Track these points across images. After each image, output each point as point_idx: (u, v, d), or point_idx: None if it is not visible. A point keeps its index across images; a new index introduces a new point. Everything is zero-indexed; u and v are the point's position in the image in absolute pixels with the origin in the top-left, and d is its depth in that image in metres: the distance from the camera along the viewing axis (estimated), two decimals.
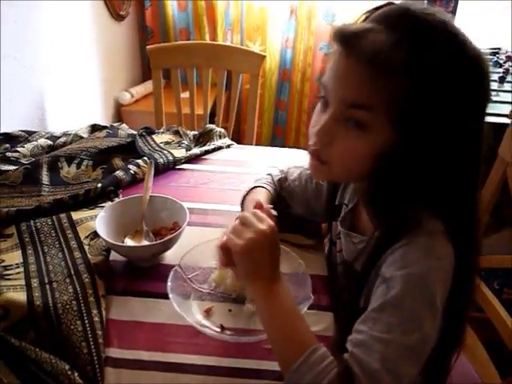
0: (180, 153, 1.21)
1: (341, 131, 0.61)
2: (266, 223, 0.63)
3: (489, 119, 1.77)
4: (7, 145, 1.18)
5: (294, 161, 0.97)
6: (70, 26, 1.77)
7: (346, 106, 0.60)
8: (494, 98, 1.77)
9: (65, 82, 1.76)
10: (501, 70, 2.04)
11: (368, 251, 0.65)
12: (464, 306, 0.66)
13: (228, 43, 2.42)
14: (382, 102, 0.57)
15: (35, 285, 0.74)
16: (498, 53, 2.27)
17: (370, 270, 0.64)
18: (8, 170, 1.05)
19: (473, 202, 0.64)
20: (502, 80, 1.95)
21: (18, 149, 1.16)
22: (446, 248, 0.60)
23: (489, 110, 1.75)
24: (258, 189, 0.91)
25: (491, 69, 2.08)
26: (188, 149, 1.25)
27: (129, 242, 0.84)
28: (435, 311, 0.56)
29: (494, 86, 1.91)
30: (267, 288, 0.62)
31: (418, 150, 0.58)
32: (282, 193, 0.93)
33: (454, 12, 2.29)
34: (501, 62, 2.14)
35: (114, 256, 0.84)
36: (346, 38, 0.58)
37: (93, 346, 0.65)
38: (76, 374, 0.61)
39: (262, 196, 0.88)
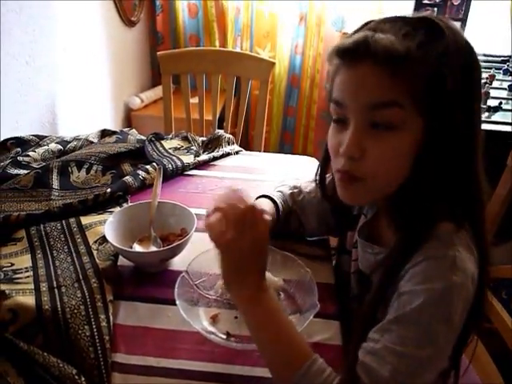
0: (188, 159, 1.22)
1: (369, 140, 0.59)
2: (261, 225, 0.60)
3: (498, 128, 1.77)
4: (18, 149, 1.20)
5: (302, 168, 0.97)
6: (81, 32, 1.79)
7: (369, 110, 0.58)
8: (504, 107, 1.76)
9: (76, 86, 1.78)
10: (511, 78, 2.03)
11: (387, 263, 0.63)
12: (475, 319, 0.64)
13: (238, 49, 2.44)
14: (406, 94, 0.56)
15: (44, 289, 0.75)
16: (508, 61, 2.26)
17: (389, 282, 0.61)
18: (19, 174, 1.07)
19: (483, 210, 0.64)
20: (511, 88, 1.94)
21: (29, 153, 1.17)
22: (470, 261, 0.58)
23: (498, 119, 1.75)
24: (264, 199, 0.89)
25: (501, 77, 2.08)
26: (196, 155, 1.26)
27: (137, 247, 0.85)
28: (451, 326, 0.56)
29: (504, 94, 1.91)
30: (256, 298, 0.60)
31: (447, 143, 0.58)
32: (294, 207, 0.90)
33: (465, 19, 2.28)
34: (511, 70, 2.13)
35: (122, 261, 0.84)
36: (352, 48, 0.58)
37: (100, 351, 0.66)
38: (83, 379, 0.62)
39: (266, 207, 0.85)
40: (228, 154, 1.30)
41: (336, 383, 0.54)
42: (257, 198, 0.90)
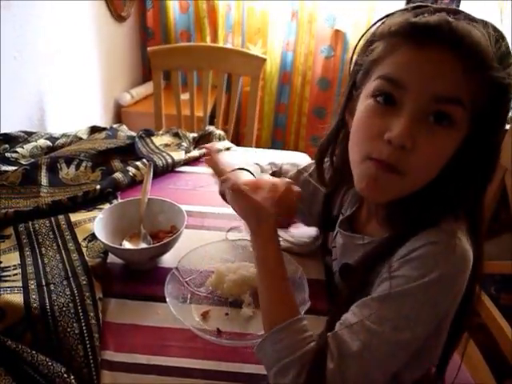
0: (179, 155, 1.21)
1: (422, 132, 0.54)
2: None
3: None
4: (6, 145, 1.18)
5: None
6: (71, 27, 1.77)
7: (434, 100, 0.54)
8: None
9: (65, 82, 1.76)
10: None
11: (378, 248, 0.62)
12: (464, 314, 0.64)
13: (229, 45, 2.43)
14: (470, 97, 0.54)
15: (32, 287, 0.74)
16: None
17: (375, 265, 0.61)
18: (7, 171, 1.05)
19: (481, 203, 0.63)
20: None
21: (17, 149, 1.16)
22: (469, 251, 0.57)
23: None
24: (243, 172, 0.81)
25: None
26: (187, 151, 1.25)
27: (127, 244, 0.84)
28: (433, 318, 0.56)
29: None
30: (271, 235, 0.67)
31: (481, 150, 0.57)
32: None
33: None
34: None
35: (111, 258, 0.84)
36: (434, 28, 0.53)
37: (89, 349, 0.65)
38: (72, 377, 0.61)
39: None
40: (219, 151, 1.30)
41: (311, 347, 0.56)
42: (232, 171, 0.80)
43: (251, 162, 0.87)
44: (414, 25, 0.55)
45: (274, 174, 0.90)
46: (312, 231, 0.89)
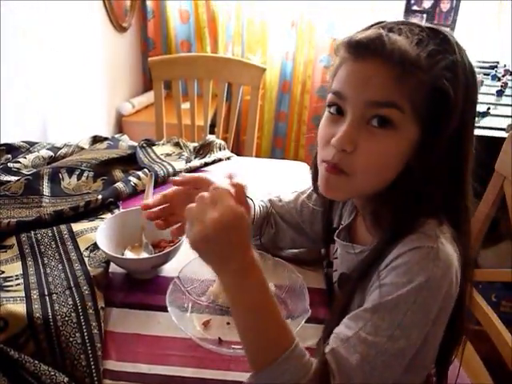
0: (180, 165, 1.22)
1: (363, 136, 0.59)
2: (222, 205, 0.54)
3: (486, 133, 1.79)
4: (9, 155, 1.19)
5: (294, 174, 0.97)
6: (72, 37, 1.79)
7: (369, 106, 0.59)
8: (492, 112, 1.78)
9: (67, 92, 1.78)
10: (499, 83, 2.06)
11: (369, 258, 0.64)
12: (459, 318, 0.65)
13: (229, 55, 2.45)
14: (407, 100, 0.57)
15: (35, 296, 0.74)
16: (496, 67, 2.29)
17: (366, 272, 0.62)
18: (9, 181, 1.06)
19: (465, 207, 0.64)
20: (499, 94, 1.97)
21: (20, 159, 1.16)
22: (453, 256, 0.58)
23: (486, 124, 1.77)
24: None
25: (490, 82, 2.11)
26: (188, 161, 1.26)
27: (128, 254, 0.85)
28: (428, 319, 0.56)
29: (492, 99, 1.93)
30: (236, 281, 0.56)
31: (439, 150, 0.59)
32: (273, 211, 0.90)
33: (453, 25, 2.32)
34: (499, 75, 2.16)
35: (113, 268, 0.84)
36: (364, 43, 0.58)
37: (91, 359, 0.66)
38: None
39: None
40: (219, 160, 1.31)
41: (313, 371, 0.55)
42: None
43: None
44: (350, 40, 0.60)
45: (272, 200, 0.92)
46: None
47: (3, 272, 0.81)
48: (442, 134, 0.59)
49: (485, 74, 2.17)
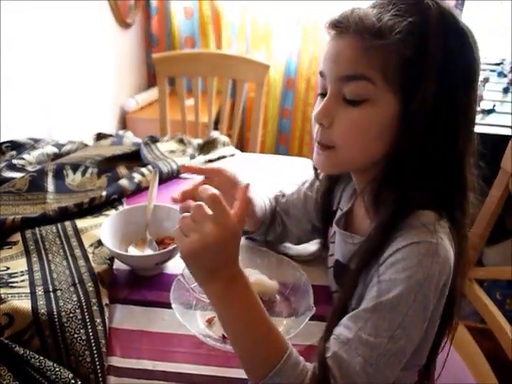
0: (184, 161, 1.22)
1: (339, 110, 0.61)
2: (215, 218, 0.54)
3: (492, 130, 1.78)
4: (13, 152, 1.20)
5: (298, 170, 0.97)
6: (76, 34, 1.79)
7: (340, 82, 0.60)
8: (498, 109, 1.77)
9: (71, 88, 1.78)
10: (505, 80, 2.05)
11: (365, 249, 0.62)
12: (449, 316, 0.65)
13: (233, 52, 2.44)
14: (376, 70, 0.57)
15: (40, 293, 0.75)
16: (502, 63, 2.27)
17: (365, 267, 0.61)
18: (14, 178, 1.07)
19: (463, 199, 0.63)
20: (506, 90, 1.95)
21: (24, 156, 1.17)
22: (450, 251, 0.58)
23: (492, 121, 1.76)
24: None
25: (496, 79, 2.09)
26: (192, 157, 1.26)
27: (132, 250, 0.85)
28: (425, 318, 0.56)
29: (498, 96, 1.92)
30: (224, 292, 0.56)
31: (425, 126, 0.57)
32: (278, 208, 0.90)
33: None
34: (505, 72, 2.14)
35: (117, 264, 0.84)
36: (337, 20, 0.60)
37: (96, 355, 0.66)
38: (79, 383, 0.62)
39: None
40: (223, 157, 1.31)
41: (310, 373, 0.55)
42: None
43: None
44: (329, 20, 0.62)
45: (276, 196, 0.92)
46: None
47: (8, 268, 0.81)
48: (419, 100, 0.57)
49: (490, 71, 2.16)
